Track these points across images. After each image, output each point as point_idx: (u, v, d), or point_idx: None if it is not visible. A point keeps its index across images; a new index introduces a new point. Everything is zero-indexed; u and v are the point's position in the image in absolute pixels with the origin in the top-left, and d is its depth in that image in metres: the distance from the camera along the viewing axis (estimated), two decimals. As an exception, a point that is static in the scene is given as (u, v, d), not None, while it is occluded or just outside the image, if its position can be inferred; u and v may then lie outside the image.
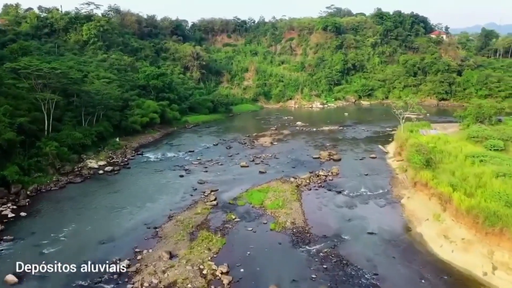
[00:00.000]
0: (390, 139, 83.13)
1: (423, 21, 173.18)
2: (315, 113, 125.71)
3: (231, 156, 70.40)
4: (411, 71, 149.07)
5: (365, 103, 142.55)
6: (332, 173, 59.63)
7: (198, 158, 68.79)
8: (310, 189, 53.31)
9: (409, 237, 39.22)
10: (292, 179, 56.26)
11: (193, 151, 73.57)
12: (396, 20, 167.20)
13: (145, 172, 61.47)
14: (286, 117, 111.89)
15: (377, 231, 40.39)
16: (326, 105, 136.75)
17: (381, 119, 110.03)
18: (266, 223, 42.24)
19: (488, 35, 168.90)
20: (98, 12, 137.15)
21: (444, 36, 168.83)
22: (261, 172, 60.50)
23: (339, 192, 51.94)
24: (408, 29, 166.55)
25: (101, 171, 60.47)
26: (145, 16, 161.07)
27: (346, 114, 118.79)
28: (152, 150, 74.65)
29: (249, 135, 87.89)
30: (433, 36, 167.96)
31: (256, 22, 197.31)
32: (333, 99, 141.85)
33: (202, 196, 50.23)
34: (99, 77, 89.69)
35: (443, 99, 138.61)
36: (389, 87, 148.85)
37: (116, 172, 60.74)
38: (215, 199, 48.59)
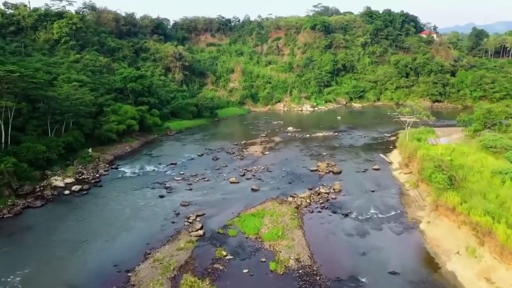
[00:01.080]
0: (390, 147, 76.74)
1: (414, 20, 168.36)
2: (306, 117, 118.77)
3: (218, 169, 62.57)
4: (403, 72, 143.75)
5: (356, 105, 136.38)
6: (334, 189, 52.48)
7: (181, 172, 60.74)
8: (312, 211, 45.93)
9: (440, 278, 32.18)
10: (290, 199, 48.88)
11: (175, 164, 65.44)
12: (386, 19, 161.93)
13: (119, 191, 53.16)
14: (275, 122, 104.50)
15: (400, 270, 33.26)
16: (316, 108, 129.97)
17: (376, 123, 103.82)
18: (264, 261, 34.65)
19: (479, 34, 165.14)
20: (71, 9, 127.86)
21: (435, 36, 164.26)
22: (253, 190, 52.89)
23: (346, 215, 44.74)
24: (399, 28, 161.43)
25: (67, 191, 51.83)
26: (124, 14, 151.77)
27: (338, 118, 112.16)
28: (129, 163, 66.19)
29: (238, 143, 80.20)
30: (423, 35, 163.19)
31: (241, 21, 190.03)
32: (323, 102, 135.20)
33: (186, 223, 42.31)
34: (70, 80, 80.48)
35: (436, 100, 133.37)
36: (381, 89, 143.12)
37: (85, 192, 52.21)
38: (201, 228, 40.77)
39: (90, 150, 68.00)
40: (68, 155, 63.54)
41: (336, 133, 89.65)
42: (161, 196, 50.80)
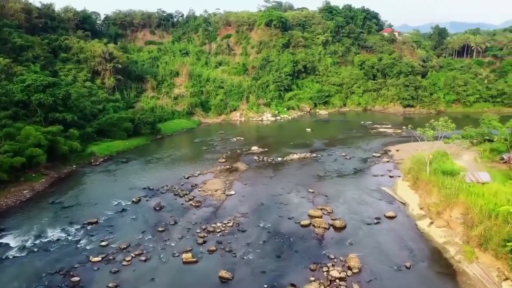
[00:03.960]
0: (390, 174, 59.38)
1: (375, 17, 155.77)
2: (269, 129, 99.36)
3: (163, 231, 41.00)
4: (370, 74, 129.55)
5: (322, 112, 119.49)
6: (351, 269, 33.27)
7: (102, 242, 38.45)
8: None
9: None
10: (288, 300, 28.90)
11: (96, 223, 42.87)
12: (347, 15, 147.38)
13: (-14, 296, 30.15)
14: (234, 138, 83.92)
15: None
16: (278, 117, 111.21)
17: (355, 136, 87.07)
18: None
19: (441, 33, 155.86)
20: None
21: (397, 34, 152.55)
22: (223, 280, 32.17)
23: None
24: (360, 25, 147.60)
25: None
26: (38, 5, 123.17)
27: (308, 130, 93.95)
28: (20, 225, 42.45)
29: (190, 176, 58.79)
30: (385, 34, 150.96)
31: (185, 16, 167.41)
32: (285, 109, 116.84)
33: None
34: None
35: (408, 105, 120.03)
36: (347, 92, 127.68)
37: None
38: None
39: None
40: None
41: (313, 154, 70.95)
42: (61, 309, 28.61)
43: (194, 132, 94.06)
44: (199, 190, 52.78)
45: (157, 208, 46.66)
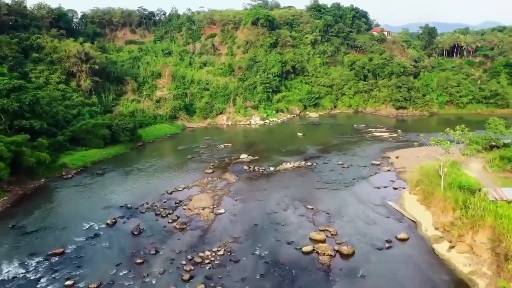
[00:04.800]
0: (394, 185, 54.43)
1: (364, 16, 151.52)
2: (258, 134, 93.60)
3: (142, 263, 34.84)
4: (360, 74, 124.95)
5: (312, 115, 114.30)
6: (368, 311, 27.81)
7: (68, 280, 32.09)
8: None
9: None
10: None
11: (62, 253, 36.40)
12: (336, 14, 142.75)
13: None
14: (222, 145, 77.86)
15: None
16: (267, 121, 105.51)
17: (349, 141, 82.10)
18: None
19: (431, 32, 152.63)
20: None
21: (386, 34, 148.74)
22: (216, 332, 26.32)
23: None
24: (349, 24, 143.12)
25: None
26: (8, 1, 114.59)
27: (300, 134, 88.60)
28: (-29, 257, 35.73)
29: (173, 191, 52.57)
30: (375, 33, 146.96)
31: (167, 14, 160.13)
32: (274, 112, 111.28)
33: None
34: None
35: (401, 107, 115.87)
36: (337, 94, 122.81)
37: None
38: None
39: None
40: None
41: (308, 163, 65.46)
42: None
43: (178, 138, 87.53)
44: (184, 208, 46.65)
45: (135, 233, 40.37)
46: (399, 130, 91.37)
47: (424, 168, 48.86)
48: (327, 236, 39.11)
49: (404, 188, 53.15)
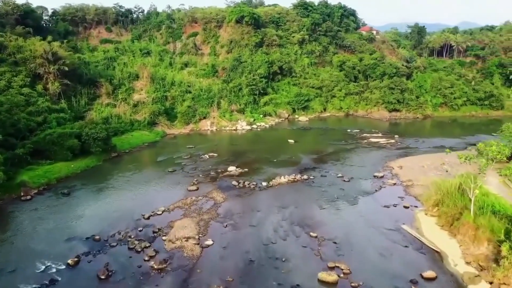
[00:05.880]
0: (402, 200, 48.10)
1: (353, 14, 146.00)
2: (245, 141, 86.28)
3: (109, 324, 27.11)
4: (351, 75, 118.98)
5: (302, 118, 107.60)
6: None
7: None
8: None
9: None
10: None
11: (5, 311, 28.34)
12: (323, 12, 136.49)
13: None
14: (206, 155, 70.08)
15: None
16: (255, 126, 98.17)
17: (345, 149, 75.74)
18: None
19: (420, 32, 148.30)
20: None
21: (375, 33, 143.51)
22: None
23: None
24: (338, 23, 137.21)
25: None
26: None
27: (291, 141, 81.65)
28: None
29: (151, 215, 44.75)
30: (363, 32, 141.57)
31: (145, 12, 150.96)
32: (261, 116, 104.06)
33: None
34: None
35: (394, 110, 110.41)
36: (327, 96, 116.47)
37: None
38: None
39: None
40: None
41: (304, 176, 58.44)
42: None
43: (157, 146, 79.33)
44: (164, 239, 38.96)
45: (102, 277, 32.48)
46: (396, 136, 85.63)
47: (443, 186, 42.39)
48: (339, 276, 32.15)
49: (416, 207, 46.76)
